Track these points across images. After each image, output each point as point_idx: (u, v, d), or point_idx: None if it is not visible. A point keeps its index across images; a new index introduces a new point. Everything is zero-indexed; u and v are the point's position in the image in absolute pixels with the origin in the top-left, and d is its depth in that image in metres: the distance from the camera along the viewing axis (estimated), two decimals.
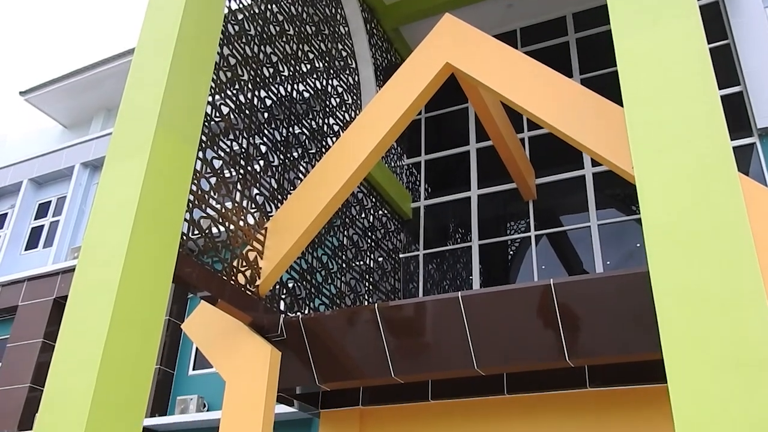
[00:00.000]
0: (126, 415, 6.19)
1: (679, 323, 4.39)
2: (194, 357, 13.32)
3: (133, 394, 6.27)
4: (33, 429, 6.17)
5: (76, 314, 6.45)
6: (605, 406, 8.79)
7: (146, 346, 6.43)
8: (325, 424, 10.41)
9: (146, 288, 6.43)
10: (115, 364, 6.07)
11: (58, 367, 6.28)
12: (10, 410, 13.91)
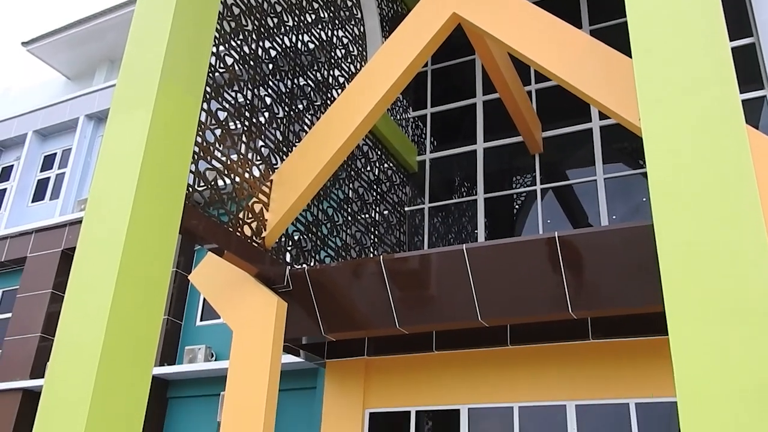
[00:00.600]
0: (135, 364, 6.31)
1: (681, 275, 4.41)
2: (201, 308, 13.49)
3: (142, 343, 6.37)
4: (45, 377, 6.31)
5: (85, 265, 6.52)
6: (607, 358, 8.91)
7: (154, 296, 6.52)
8: (331, 374, 10.59)
9: (153, 239, 6.49)
10: (123, 314, 6.16)
11: (68, 317, 6.38)
12: (22, 359, 14.18)
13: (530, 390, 9.25)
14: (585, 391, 8.94)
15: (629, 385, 8.68)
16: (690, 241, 4.47)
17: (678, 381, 4.22)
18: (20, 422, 13.42)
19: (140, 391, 6.32)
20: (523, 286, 7.90)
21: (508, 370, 9.46)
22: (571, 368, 9.11)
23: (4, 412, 13.72)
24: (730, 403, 4.00)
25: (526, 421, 9.23)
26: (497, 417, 9.42)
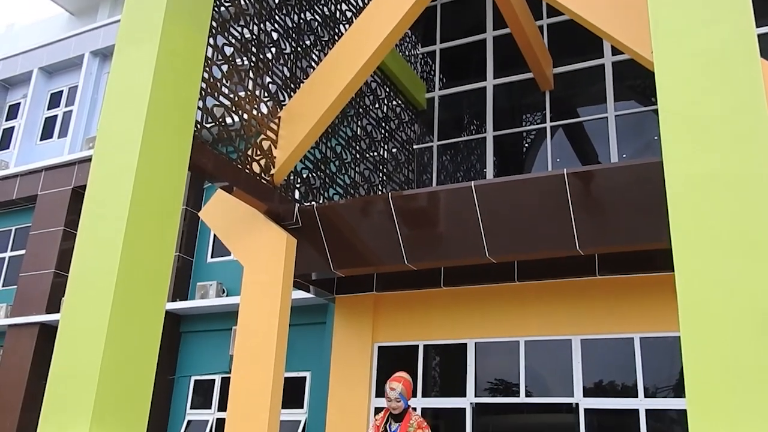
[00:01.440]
0: (149, 298, 6.43)
1: (689, 210, 4.41)
2: (212, 245, 13.64)
3: (155, 278, 6.49)
4: (61, 312, 6.45)
5: (96, 203, 6.58)
6: (613, 294, 9.01)
7: (165, 231, 6.60)
8: (340, 309, 10.78)
9: (163, 175, 6.52)
10: (136, 249, 6.25)
11: (81, 253, 6.48)
12: (37, 295, 14.47)
13: (536, 325, 9.41)
14: (591, 326, 9.08)
15: (634, 320, 8.81)
16: (699, 174, 4.45)
17: (682, 315, 4.28)
18: (38, 355, 13.79)
19: (154, 325, 6.47)
20: (531, 223, 7.94)
21: (514, 306, 9.60)
22: (577, 304, 9.23)
23: (22, 345, 14.08)
24: (734, 337, 4.06)
25: (531, 355, 9.42)
26: (503, 351, 9.62)
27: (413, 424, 4.67)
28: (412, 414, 4.80)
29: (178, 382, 12.77)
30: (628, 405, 8.68)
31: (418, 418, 4.83)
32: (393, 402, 4.80)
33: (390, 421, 4.76)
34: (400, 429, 4.61)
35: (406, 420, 4.69)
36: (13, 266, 16.07)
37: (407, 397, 4.87)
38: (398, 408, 4.77)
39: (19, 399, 13.52)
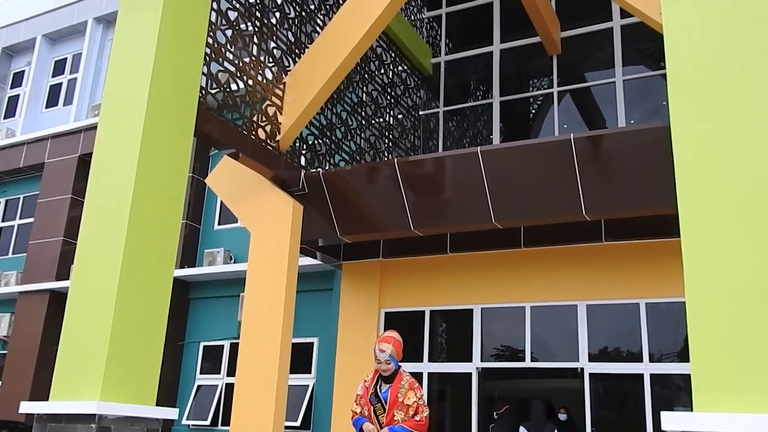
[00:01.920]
0: (157, 264, 6.48)
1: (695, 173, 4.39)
2: (219, 212, 13.68)
3: (162, 244, 6.53)
4: (71, 280, 6.51)
5: (102, 170, 6.59)
6: (619, 259, 9.02)
7: (172, 197, 6.62)
8: (347, 275, 10.84)
9: (168, 141, 6.52)
10: (143, 215, 6.28)
11: (89, 221, 6.51)
12: (47, 262, 14.59)
13: (542, 290, 9.44)
14: (596, 292, 9.11)
15: (640, 285, 8.83)
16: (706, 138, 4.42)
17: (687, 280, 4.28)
18: (49, 321, 13.96)
19: (162, 290, 6.52)
20: (537, 189, 7.92)
21: (520, 271, 9.63)
22: (583, 269, 9.25)
23: (33, 312, 14.25)
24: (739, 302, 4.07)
25: (537, 320, 9.47)
26: (509, 316, 9.68)
27: (404, 385, 4.37)
28: (403, 374, 4.47)
29: (187, 348, 12.93)
30: (633, 370, 8.75)
31: (410, 378, 4.48)
32: (383, 364, 4.43)
33: (380, 382, 4.45)
34: (390, 391, 4.33)
35: (397, 381, 4.40)
36: (22, 234, 16.18)
37: (397, 357, 4.51)
38: (388, 370, 4.43)
39: (31, 364, 13.73)
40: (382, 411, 4.27)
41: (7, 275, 15.35)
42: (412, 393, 4.36)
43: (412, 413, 4.30)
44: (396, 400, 4.27)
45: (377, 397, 4.31)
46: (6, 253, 16.34)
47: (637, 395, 8.64)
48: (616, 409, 9.13)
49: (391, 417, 4.27)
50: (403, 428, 4.23)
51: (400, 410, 4.27)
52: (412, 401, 4.32)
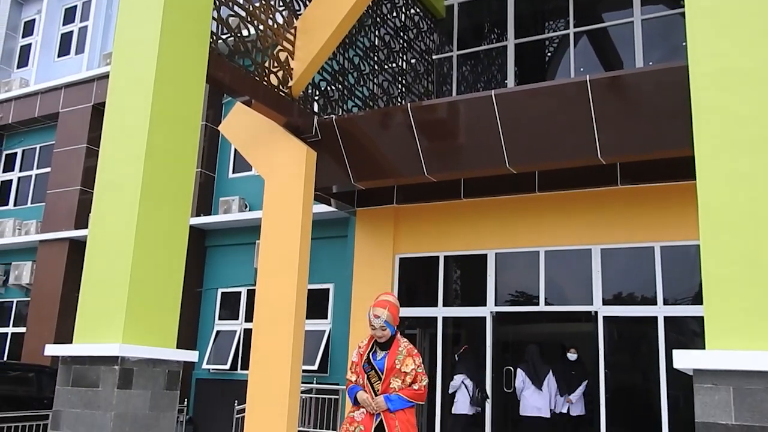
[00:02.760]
0: (173, 210, 6.54)
1: (712, 111, 4.31)
2: (233, 161, 13.70)
3: (178, 190, 6.57)
4: (89, 228, 6.60)
5: (116, 117, 6.60)
6: (635, 203, 8.97)
7: (186, 144, 6.64)
8: (361, 222, 10.89)
9: (181, 87, 6.50)
10: (158, 161, 6.31)
11: (105, 169, 6.56)
12: (65, 211, 14.77)
13: (557, 235, 9.45)
14: (611, 236, 9.10)
15: (655, 229, 8.80)
16: (724, 74, 4.33)
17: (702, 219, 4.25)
18: (69, 269, 14.21)
19: (179, 236, 6.60)
20: (552, 132, 7.85)
21: (535, 216, 9.62)
22: (598, 213, 9.22)
23: (54, 260, 14.50)
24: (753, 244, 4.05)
25: (551, 265, 9.51)
26: (524, 261, 9.71)
27: (402, 351, 4.00)
28: (401, 340, 4.10)
29: (205, 295, 13.14)
30: (647, 312, 8.79)
31: (408, 344, 4.10)
32: (378, 330, 4.02)
33: (375, 349, 4.07)
34: (387, 358, 3.96)
35: (394, 348, 4.02)
36: (40, 184, 16.34)
37: (394, 322, 4.11)
38: (384, 336, 4.04)
39: (54, 310, 14.04)
40: (377, 379, 3.93)
41: (27, 224, 15.57)
42: (411, 360, 4.01)
43: (410, 381, 3.97)
44: (393, 368, 3.94)
45: (371, 364, 3.99)
46: (25, 203, 16.54)
47: (651, 338, 8.71)
48: (629, 352, 9.22)
49: (387, 385, 3.93)
50: (399, 397, 3.89)
51: (397, 378, 3.94)
52: (410, 369, 3.98)
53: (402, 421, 3.84)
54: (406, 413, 3.90)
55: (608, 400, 8.72)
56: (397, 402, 3.86)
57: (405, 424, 3.85)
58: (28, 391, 10.18)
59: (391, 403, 3.84)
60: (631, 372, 9.04)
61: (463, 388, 8.98)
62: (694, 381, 3.93)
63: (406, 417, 3.88)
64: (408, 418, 3.89)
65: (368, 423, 3.86)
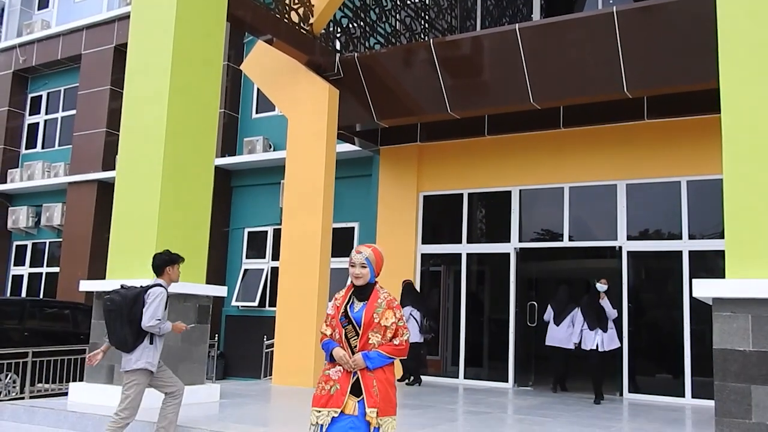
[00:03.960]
0: (198, 150, 6.62)
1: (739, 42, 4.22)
2: (256, 101, 13.69)
3: (202, 131, 6.64)
4: (116, 170, 6.71)
5: (138, 58, 6.63)
6: (661, 137, 8.84)
7: (208, 82, 6.66)
8: (385, 161, 10.90)
9: (202, 26, 6.49)
10: (181, 101, 6.36)
11: (130, 109, 6.63)
12: (92, 153, 14.95)
13: (581, 171, 9.38)
14: (637, 171, 9.01)
15: (682, 163, 8.69)
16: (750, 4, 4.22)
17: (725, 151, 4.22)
18: (99, 210, 14.48)
19: (205, 174, 6.70)
20: (578, 66, 7.72)
21: (559, 152, 9.54)
22: (623, 149, 9.11)
23: (83, 202, 14.77)
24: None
25: (576, 201, 9.47)
26: (548, 197, 9.69)
27: (381, 303, 3.59)
28: (380, 291, 3.67)
29: (232, 235, 13.35)
30: (672, 247, 8.77)
31: (388, 296, 3.67)
32: (357, 268, 3.62)
33: (352, 300, 3.65)
34: (365, 310, 3.57)
35: (373, 299, 3.61)
36: (66, 126, 16.51)
37: (376, 269, 3.71)
38: (362, 277, 3.63)
39: (86, 250, 14.38)
40: (354, 334, 3.56)
41: (56, 166, 15.82)
42: (391, 312, 3.60)
43: (391, 336, 3.57)
44: (372, 321, 3.55)
45: (348, 317, 3.59)
46: (53, 145, 16.76)
47: (675, 273, 8.71)
48: (653, 287, 9.24)
49: (365, 340, 3.55)
50: (379, 354, 3.51)
51: (376, 332, 3.55)
52: (390, 322, 3.58)
53: (380, 380, 3.51)
54: (385, 371, 3.56)
55: (631, 333, 8.81)
56: (377, 360, 3.51)
57: (383, 383, 3.52)
58: (65, 327, 10.56)
59: (370, 361, 3.49)
60: (655, 306, 9.07)
61: (411, 320, 9.12)
62: (714, 309, 3.97)
63: (385, 376, 3.55)
64: (387, 376, 3.56)
65: (344, 382, 3.52)
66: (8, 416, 6.16)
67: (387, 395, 3.52)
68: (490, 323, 10.08)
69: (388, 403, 3.51)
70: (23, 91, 17.31)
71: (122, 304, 4.77)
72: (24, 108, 17.27)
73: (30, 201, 16.24)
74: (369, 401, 3.44)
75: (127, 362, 4.78)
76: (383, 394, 3.49)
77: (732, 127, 4.14)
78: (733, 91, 4.16)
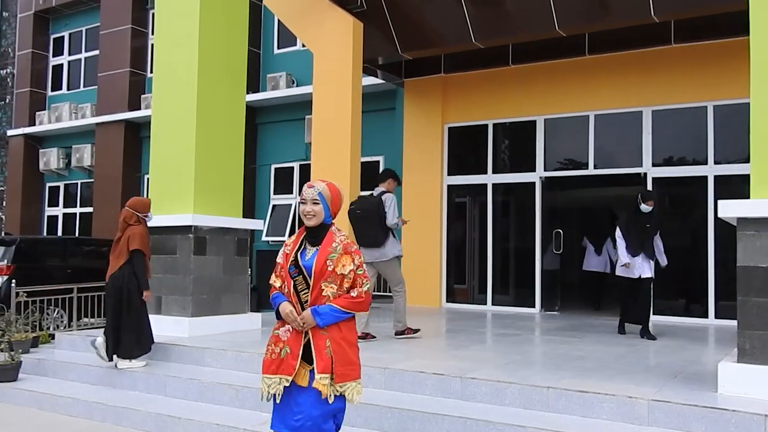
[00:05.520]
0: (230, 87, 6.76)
1: None
2: (277, 35, 13.66)
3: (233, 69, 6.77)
4: (152, 106, 6.89)
5: None
6: (688, 62, 8.78)
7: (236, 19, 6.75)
8: (409, 93, 10.94)
9: None
10: (210, 40, 6.47)
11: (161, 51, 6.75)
12: (117, 94, 15.11)
13: (607, 98, 9.37)
14: (663, 97, 8.99)
15: (709, 87, 8.65)
16: None
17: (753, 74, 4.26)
18: (127, 150, 14.77)
19: (237, 110, 6.87)
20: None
21: (584, 80, 9.52)
22: (650, 75, 9.08)
23: (111, 142, 15.02)
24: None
25: (601, 129, 9.50)
26: (573, 126, 9.72)
27: (336, 248, 3.01)
28: (336, 234, 3.09)
29: (259, 171, 13.56)
30: (697, 172, 8.83)
31: (345, 239, 3.09)
32: (308, 204, 3.05)
33: (304, 245, 3.08)
34: (317, 256, 3.00)
35: (327, 243, 3.04)
36: (90, 67, 16.62)
37: (331, 207, 3.11)
38: (315, 215, 3.05)
39: (117, 190, 14.73)
40: (305, 286, 3.02)
41: (83, 107, 16.02)
42: (349, 258, 3.02)
43: (348, 287, 3.02)
44: (324, 270, 2.98)
45: (298, 266, 3.03)
46: (78, 86, 16.93)
47: (700, 199, 8.78)
48: (678, 213, 9.34)
49: (317, 293, 3.00)
50: (332, 309, 2.96)
51: (330, 283, 2.99)
52: (348, 270, 3.00)
53: (335, 340, 2.97)
54: (342, 329, 3.00)
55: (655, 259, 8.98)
56: (328, 316, 2.95)
57: (339, 344, 2.97)
58: (103, 264, 10.93)
59: (320, 318, 2.94)
60: (680, 232, 9.19)
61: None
62: (738, 229, 4.11)
63: (341, 335, 3.00)
64: (344, 335, 3.01)
65: (295, 343, 3.00)
66: (66, 345, 6.58)
67: (345, 356, 3.00)
68: (517, 251, 10.29)
69: (347, 365, 3.00)
70: (45, 32, 17.38)
71: (371, 210, 6.10)
72: (47, 50, 17.38)
73: (59, 143, 16.54)
74: (319, 365, 2.94)
75: (381, 255, 6.14)
76: (340, 356, 2.98)
77: (760, 49, 4.18)
78: (762, 13, 4.18)
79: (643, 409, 3.90)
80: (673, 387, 4.27)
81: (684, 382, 4.43)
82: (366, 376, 4.72)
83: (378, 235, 6.11)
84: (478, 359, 5.29)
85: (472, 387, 4.46)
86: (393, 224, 6.20)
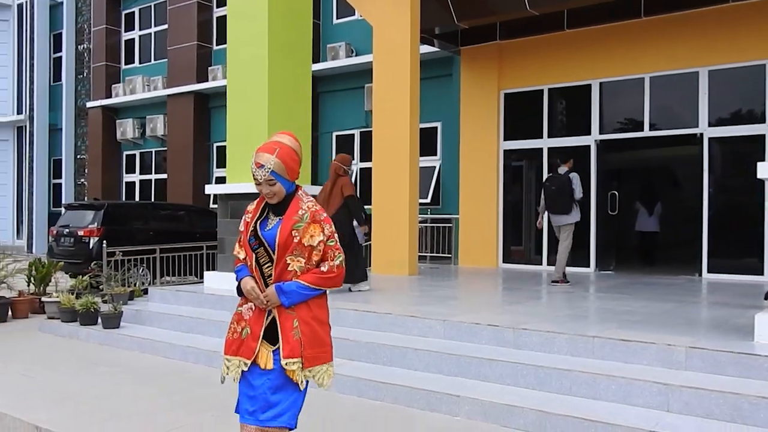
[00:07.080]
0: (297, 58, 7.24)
1: None
2: (336, 5, 14.02)
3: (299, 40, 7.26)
4: (227, 78, 7.43)
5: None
6: (744, 20, 8.77)
7: None
8: (465, 60, 11.20)
9: None
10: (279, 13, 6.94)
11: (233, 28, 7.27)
12: (186, 66, 15.83)
13: (662, 60, 9.45)
14: (719, 56, 9.02)
15: (766, 45, 8.64)
16: None
17: None
18: (197, 120, 15.53)
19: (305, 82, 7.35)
20: None
21: (639, 43, 9.61)
22: (705, 35, 9.10)
23: (182, 113, 15.81)
24: None
25: (656, 91, 9.60)
26: (628, 88, 9.85)
27: (304, 216, 2.58)
28: (302, 199, 2.64)
29: (321, 138, 14.09)
30: (754, 131, 8.87)
31: (313, 205, 2.65)
32: (264, 187, 2.59)
33: (267, 214, 2.65)
34: (280, 227, 2.58)
35: (293, 210, 2.60)
36: (160, 41, 17.39)
37: (290, 173, 2.60)
38: (274, 195, 2.60)
39: (189, 159, 15.55)
40: (268, 259, 2.62)
41: (155, 80, 16.84)
42: (318, 228, 2.61)
43: (317, 260, 2.63)
44: (290, 242, 2.57)
45: (258, 238, 2.62)
46: (149, 59, 17.75)
47: (757, 157, 8.82)
48: (734, 172, 9.40)
49: (282, 267, 2.60)
50: (299, 286, 2.58)
51: (297, 256, 2.59)
52: (317, 241, 2.59)
53: (303, 319, 2.61)
54: (311, 308, 2.64)
55: (711, 218, 9.12)
56: (295, 295, 2.58)
57: (308, 323, 2.62)
58: (179, 227, 11.70)
59: (285, 297, 2.58)
60: (735, 191, 9.26)
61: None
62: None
63: (311, 314, 2.64)
64: (314, 314, 2.64)
65: (256, 323, 2.65)
66: (158, 299, 7.30)
67: (316, 337, 2.64)
68: None
69: (318, 348, 2.65)
70: (117, 8, 18.23)
71: (563, 186, 7.90)
72: (119, 25, 18.24)
73: (134, 114, 17.47)
74: (285, 349, 2.59)
75: (567, 220, 7.99)
76: (309, 338, 2.62)
77: None
78: None
79: (681, 356, 4.26)
80: (712, 337, 4.60)
81: (723, 333, 4.75)
82: (427, 327, 5.23)
83: (567, 205, 7.96)
84: (530, 313, 5.71)
85: (524, 337, 4.88)
86: (578, 198, 7.99)
